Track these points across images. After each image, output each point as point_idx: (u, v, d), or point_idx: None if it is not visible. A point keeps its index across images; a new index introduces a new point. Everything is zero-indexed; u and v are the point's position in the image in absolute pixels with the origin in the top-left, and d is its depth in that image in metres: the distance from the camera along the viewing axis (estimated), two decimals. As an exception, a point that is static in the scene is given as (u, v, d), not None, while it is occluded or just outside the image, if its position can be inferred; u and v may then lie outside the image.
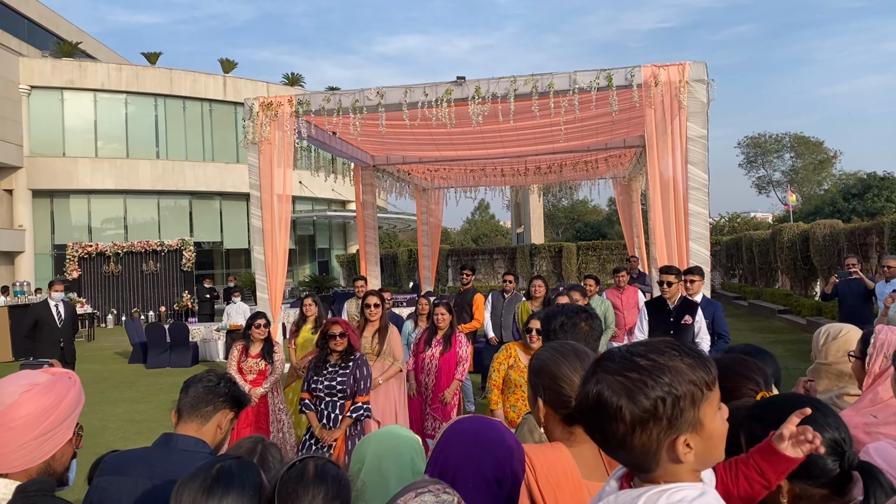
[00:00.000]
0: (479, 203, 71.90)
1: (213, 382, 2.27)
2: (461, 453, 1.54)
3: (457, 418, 1.69)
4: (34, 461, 1.69)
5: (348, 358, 5.01)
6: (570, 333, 2.44)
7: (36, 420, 1.68)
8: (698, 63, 8.84)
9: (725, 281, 27.06)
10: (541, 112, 9.33)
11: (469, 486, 1.50)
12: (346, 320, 5.22)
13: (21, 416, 1.66)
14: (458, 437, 1.58)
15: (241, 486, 1.53)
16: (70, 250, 24.53)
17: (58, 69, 29.49)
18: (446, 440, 1.59)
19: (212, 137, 32.75)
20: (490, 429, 1.62)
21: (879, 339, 2.51)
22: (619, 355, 1.18)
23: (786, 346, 12.90)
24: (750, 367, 1.99)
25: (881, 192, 39.02)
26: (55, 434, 1.72)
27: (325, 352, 5.02)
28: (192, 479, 1.53)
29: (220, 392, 2.25)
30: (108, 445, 7.76)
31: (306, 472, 1.55)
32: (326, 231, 39.20)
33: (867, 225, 14.58)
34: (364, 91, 9.89)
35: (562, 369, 1.84)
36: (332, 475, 1.58)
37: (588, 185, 18.75)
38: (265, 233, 10.20)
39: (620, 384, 1.13)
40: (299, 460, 1.59)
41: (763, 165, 58.10)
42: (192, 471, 1.56)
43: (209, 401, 2.23)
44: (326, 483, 1.55)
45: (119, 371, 13.91)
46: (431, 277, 20.18)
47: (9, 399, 1.66)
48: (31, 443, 1.67)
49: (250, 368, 6.23)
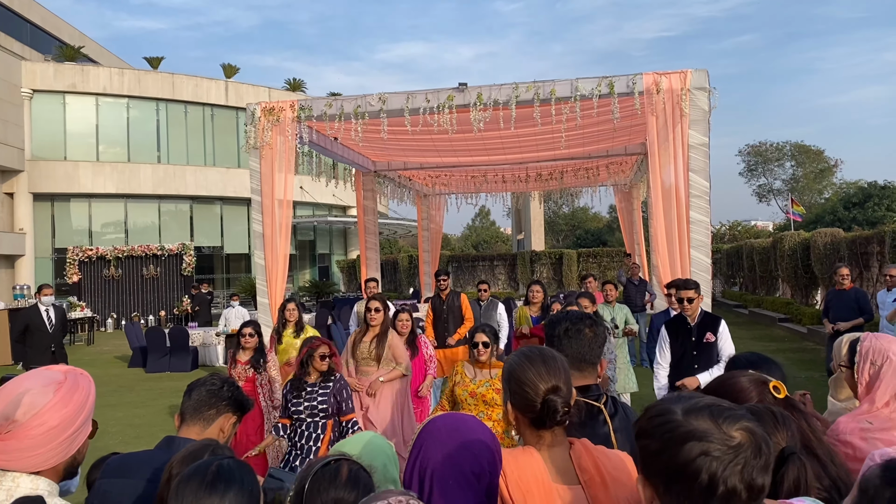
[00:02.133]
0: (479, 209, 72.11)
1: (217, 386, 2.27)
2: (438, 452, 1.56)
3: (431, 417, 1.70)
4: (66, 456, 1.76)
5: (328, 377, 4.95)
6: (574, 340, 2.43)
7: (71, 419, 1.74)
8: (700, 71, 8.85)
9: (726, 289, 27.05)
10: (542, 119, 9.35)
11: (448, 484, 1.51)
12: (332, 344, 5.15)
13: (59, 416, 1.71)
14: (433, 436, 1.60)
15: (241, 483, 1.54)
16: (70, 254, 24.54)
17: (60, 73, 29.56)
18: (422, 440, 1.60)
19: (213, 142, 32.80)
20: (464, 424, 1.64)
21: (864, 346, 2.52)
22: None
23: (786, 354, 12.88)
24: (742, 371, 1.99)
25: (882, 201, 39.03)
26: (83, 429, 1.80)
27: (306, 370, 4.94)
28: (192, 476, 1.53)
29: (224, 396, 2.26)
30: (107, 449, 7.71)
31: (340, 475, 1.56)
32: (327, 236, 39.23)
33: (868, 234, 14.58)
34: (366, 97, 9.91)
35: (527, 374, 1.86)
36: (364, 482, 1.59)
37: (589, 193, 18.79)
38: (266, 238, 10.20)
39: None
40: (334, 460, 1.59)
41: (764, 174, 58.18)
42: (190, 469, 1.57)
43: (212, 404, 2.24)
44: (358, 490, 1.56)
45: (119, 375, 13.89)
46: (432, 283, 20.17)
47: (43, 400, 1.70)
48: (66, 440, 1.74)
49: (239, 375, 6.22)
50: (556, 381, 1.85)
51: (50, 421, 1.70)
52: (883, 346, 2.47)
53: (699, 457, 1.13)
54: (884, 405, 2.37)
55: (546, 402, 1.81)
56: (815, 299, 17.25)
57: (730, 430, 1.15)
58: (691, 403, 1.20)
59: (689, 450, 1.13)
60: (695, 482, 1.13)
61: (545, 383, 1.84)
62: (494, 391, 4.65)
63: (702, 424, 1.16)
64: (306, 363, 4.96)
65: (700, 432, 1.14)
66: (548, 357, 1.92)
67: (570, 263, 29.98)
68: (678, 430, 1.16)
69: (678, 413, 1.18)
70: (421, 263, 19.19)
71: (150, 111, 31.48)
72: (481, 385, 4.71)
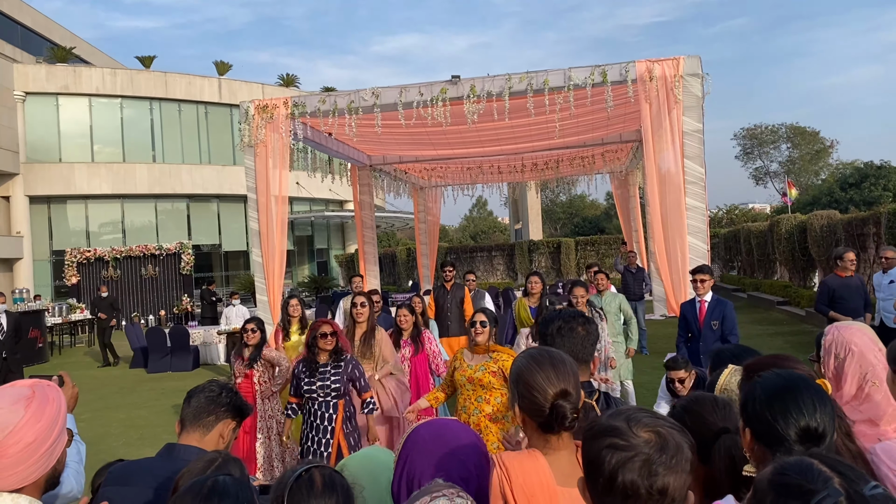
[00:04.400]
0: (476, 200, 72.02)
1: (216, 393, 2.29)
2: (424, 461, 1.55)
3: (414, 426, 1.68)
4: (46, 469, 1.74)
5: (339, 358, 5.03)
6: (566, 338, 2.45)
7: (47, 432, 1.73)
8: (692, 57, 8.85)
9: (724, 273, 27.09)
10: (536, 109, 9.34)
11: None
12: (335, 322, 5.22)
13: (34, 431, 1.70)
14: (418, 445, 1.59)
15: (236, 498, 1.55)
16: (69, 256, 24.51)
17: (52, 75, 29.46)
18: (407, 451, 1.59)
19: (208, 140, 32.73)
20: (448, 431, 1.63)
21: (828, 340, 2.44)
22: None
23: (785, 337, 12.92)
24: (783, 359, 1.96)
25: (878, 181, 39.03)
26: (59, 441, 1.78)
27: (314, 352, 5.03)
28: (188, 492, 1.55)
29: (222, 402, 2.28)
30: (111, 452, 7.78)
31: (314, 483, 1.57)
32: (325, 231, 39.20)
33: (864, 215, 14.58)
34: (359, 92, 9.90)
35: (536, 378, 1.82)
36: (340, 484, 1.60)
37: (585, 181, 18.80)
38: (263, 235, 10.21)
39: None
40: (304, 470, 1.60)
41: (760, 157, 58.14)
42: (187, 486, 1.58)
43: (211, 411, 2.25)
44: (336, 493, 1.57)
45: (120, 376, 13.91)
46: (430, 275, 20.20)
47: (14, 418, 1.68)
48: (44, 455, 1.72)
49: (239, 371, 6.24)
50: (565, 385, 1.81)
51: (26, 437, 1.68)
52: (845, 339, 2.38)
53: (604, 450, 1.22)
54: (852, 398, 2.30)
55: (555, 407, 1.78)
56: (813, 282, 17.28)
57: (638, 430, 1.22)
58: (618, 411, 1.29)
59: (599, 442, 1.23)
60: (601, 474, 1.21)
61: (554, 388, 1.80)
62: (490, 374, 4.68)
63: (615, 423, 1.24)
64: (313, 345, 5.03)
65: (610, 429, 1.23)
66: (557, 360, 1.88)
67: (568, 252, 29.99)
68: (596, 428, 1.26)
69: (603, 417, 1.28)
70: (419, 256, 19.21)
71: (144, 111, 31.39)
72: (477, 370, 4.74)
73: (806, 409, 1.53)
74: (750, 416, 1.62)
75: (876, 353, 2.33)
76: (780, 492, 1.01)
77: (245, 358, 6.27)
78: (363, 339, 6.05)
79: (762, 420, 1.57)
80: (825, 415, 1.54)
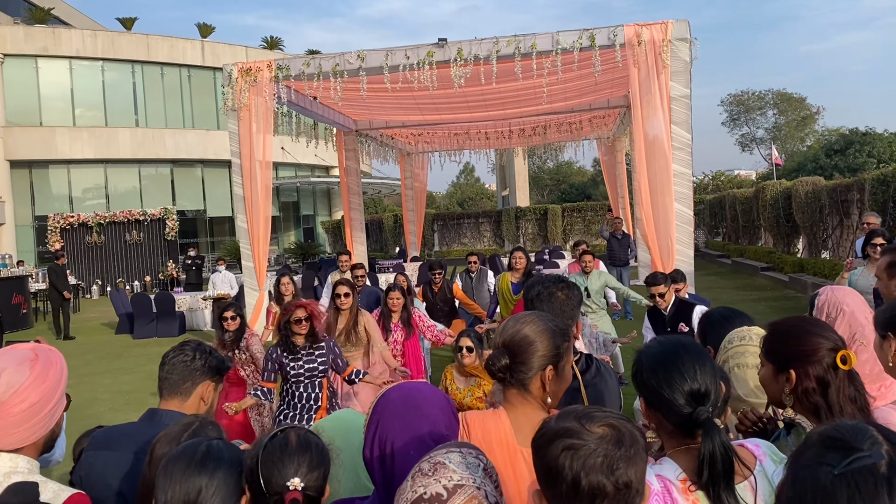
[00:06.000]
0: (463, 166, 71.71)
1: (189, 357, 2.26)
2: (396, 423, 1.55)
3: (383, 390, 1.68)
4: (46, 430, 1.77)
5: (317, 340, 4.96)
6: (546, 303, 2.45)
7: (50, 393, 1.75)
8: (681, 21, 8.77)
9: (709, 239, 27.25)
10: (524, 74, 9.25)
11: (410, 454, 1.50)
12: (312, 303, 5.07)
13: (39, 392, 1.72)
14: (388, 409, 1.58)
15: (230, 462, 1.56)
16: (51, 221, 24.26)
17: (31, 36, 28.82)
18: (378, 414, 1.59)
19: (191, 104, 32.29)
20: (418, 392, 1.62)
21: (821, 300, 2.50)
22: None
23: (768, 302, 13.06)
24: (822, 326, 1.95)
25: (863, 147, 39.16)
26: (60, 404, 1.80)
27: (289, 335, 4.93)
28: (181, 455, 1.55)
29: (196, 367, 2.25)
30: (98, 417, 7.78)
31: (289, 442, 1.57)
32: (311, 197, 38.97)
33: (848, 182, 14.66)
34: (344, 55, 9.75)
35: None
36: (315, 444, 1.61)
37: (573, 147, 18.74)
38: (247, 200, 10.13)
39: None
40: (280, 430, 1.61)
41: (746, 123, 58.16)
42: (179, 448, 1.58)
43: (186, 377, 2.24)
44: (310, 452, 1.58)
45: (106, 342, 13.88)
46: (417, 242, 20.18)
47: (20, 377, 1.70)
48: (46, 416, 1.75)
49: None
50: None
51: (30, 398, 1.70)
52: (838, 299, 2.45)
53: (562, 453, 1.18)
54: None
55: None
56: (797, 248, 17.43)
57: (592, 427, 1.20)
58: (565, 411, 1.26)
59: (555, 448, 1.19)
60: (562, 480, 1.18)
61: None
62: (478, 400, 4.74)
63: (567, 424, 1.21)
64: (286, 329, 4.93)
65: (564, 430, 1.20)
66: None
67: (554, 219, 30.03)
68: (548, 433, 1.22)
69: (551, 421, 1.25)
70: (406, 222, 19.18)
71: (126, 74, 30.86)
72: (466, 395, 4.81)
73: (687, 373, 1.61)
74: (639, 386, 1.70)
75: (867, 314, 2.39)
76: (826, 444, 1.03)
77: (226, 347, 6.16)
78: (346, 333, 5.93)
79: (650, 389, 1.65)
80: (706, 375, 1.62)
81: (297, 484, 1.52)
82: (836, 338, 1.90)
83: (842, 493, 0.94)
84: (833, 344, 1.87)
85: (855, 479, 0.95)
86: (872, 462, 0.96)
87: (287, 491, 1.51)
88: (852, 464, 0.96)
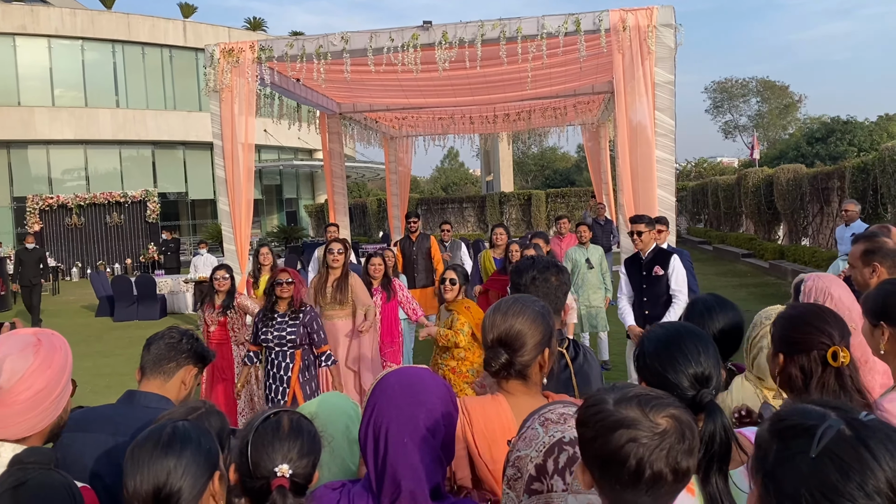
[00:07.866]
0: (448, 151, 71.50)
1: (176, 339, 2.25)
2: (392, 409, 1.53)
3: (382, 374, 1.67)
4: (53, 418, 1.74)
5: (298, 309, 5.05)
6: (540, 288, 2.45)
7: (56, 380, 1.72)
8: (666, 7, 8.76)
9: (691, 226, 27.42)
10: (508, 58, 9.21)
11: (404, 442, 1.49)
12: (294, 270, 5.24)
13: (44, 378, 1.68)
14: (386, 394, 1.57)
15: (198, 444, 1.53)
16: (30, 202, 23.94)
17: (8, 14, 28.28)
18: (375, 398, 1.57)
19: (173, 85, 31.88)
20: (418, 379, 1.61)
21: (808, 286, 2.54)
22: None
23: (749, 289, 13.18)
24: (825, 319, 1.96)
25: (844, 136, 39.54)
26: (66, 390, 1.78)
27: (272, 300, 5.08)
28: (147, 439, 1.52)
29: (183, 349, 2.24)
30: (77, 400, 7.69)
31: (281, 426, 1.56)
32: (294, 181, 38.72)
33: (829, 170, 14.80)
34: (328, 36, 9.65)
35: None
36: (307, 430, 1.60)
37: (557, 132, 18.71)
38: (229, 183, 10.03)
39: None
40: (273, 413, 1.60)
41: (730, 110, 58.40)
42: (145, 433, 1.55)
43: (171, 357, 2.22)
44: (302, 438, 1.57)
45: (86, 325, 13.77)
46: (401, 227, 20.11)
47: (24, 364, 1.66)
48: (52, 402, 1.71)
49: (212, 320, 6.21)
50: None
51: (36, 384, 1.65)
52: (825, 285, 2.49)
53: (627, 443, 1.19)
54: None
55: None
56: (778, 235, 17.59)
57: (656, 418, 1.21)
58: (622, 394, 1.25)
59: (619, 437, 1.20)
60: (624, 467, 1.19)
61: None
62: (455, 332, 4.72)
63: (630, 413, 1.21)
64: (270, 293, 5.09)
65: (629, 420, 1.20)
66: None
67: (538, 204, 30.07)
68: (609, 419, 1.22)
69: (610, 403, 1.24)
70: (390, 207, 19.09)
71: (107, 53, 30.39)
72: (443, 328, 4.81)
73: (692, 356, 1.65)
74: (642, 370, 1.73)
75: (853, 300, 2.43)
76: (782, 436, 1.02)
77: (217, 305, 6.23)
78: (336, 286, 6.03)
79: (654, 372, 1.68)
80: (709, 358, 1.66)
81: (285, 471, 1.50)
82: (835, 333, 1.91)
83: (830, 470, 0.94)
84: (828, 338, 1.89)
85: (833, 452, 0.95)
86: (836, 429, 0.96)
87: (275, 477, 1.50)
88: (822, 439, 0.96)
